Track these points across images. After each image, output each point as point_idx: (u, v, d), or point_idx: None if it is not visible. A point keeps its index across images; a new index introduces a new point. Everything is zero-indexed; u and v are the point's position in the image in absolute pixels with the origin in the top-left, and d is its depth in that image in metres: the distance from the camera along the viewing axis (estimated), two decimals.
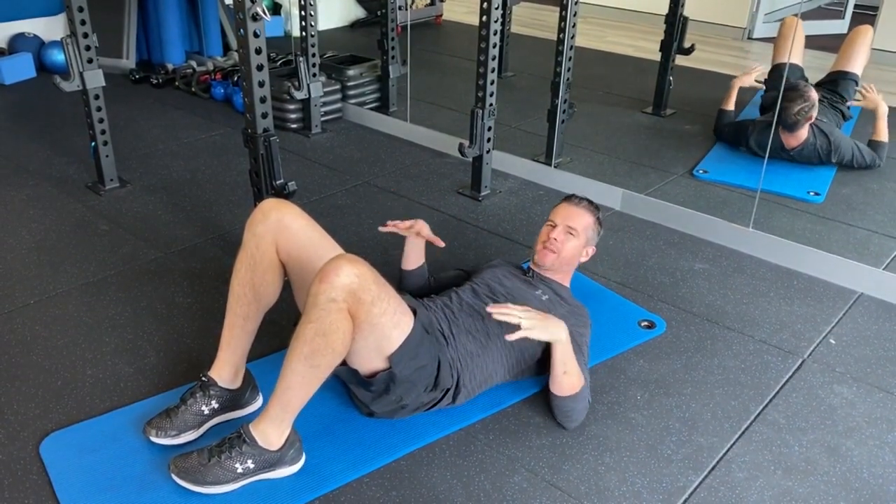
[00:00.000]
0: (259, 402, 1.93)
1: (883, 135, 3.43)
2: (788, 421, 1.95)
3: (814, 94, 3.31)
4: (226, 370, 1.85)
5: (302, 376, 1.62)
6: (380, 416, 1.89)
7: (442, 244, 2.16)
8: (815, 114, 3.31)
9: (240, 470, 1.66)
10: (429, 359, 1.80)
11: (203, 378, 1.84)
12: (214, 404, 1.82)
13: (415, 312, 1.80)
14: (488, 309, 1.83)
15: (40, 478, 1.72)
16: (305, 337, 1.59)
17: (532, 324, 1.81)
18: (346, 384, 1.92)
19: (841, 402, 2.02)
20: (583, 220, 2.16)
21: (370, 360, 1.75)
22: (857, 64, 3.82)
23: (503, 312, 1.81)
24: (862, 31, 3.94)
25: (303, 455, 1.75)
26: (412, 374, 1.77)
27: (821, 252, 2.63)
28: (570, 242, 2.14)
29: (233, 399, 1.86)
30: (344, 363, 1.75)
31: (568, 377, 1.86)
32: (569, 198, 2.23)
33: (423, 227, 2.18)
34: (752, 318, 2.38)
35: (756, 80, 3.65)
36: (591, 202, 2.22)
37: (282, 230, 1.83)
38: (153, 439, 1.77)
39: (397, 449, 1.82)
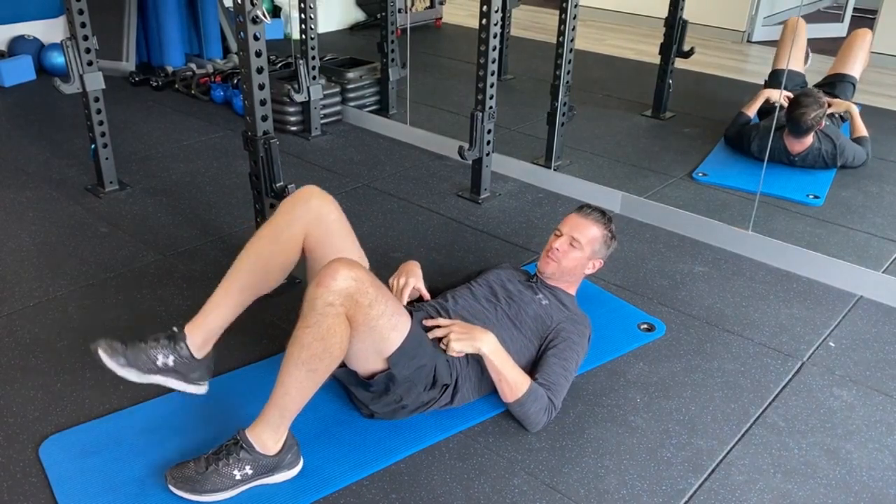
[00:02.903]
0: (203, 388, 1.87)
1: (864, 130, 3.54)
2: (788, 424, 1.95)
3: (825, 101, 3.32)
4: (199, 335, 1.80)
5: (300, 381, 1.62)
6: (380, 417, 1.89)
7: (428, 297, 2.14)
8: (825, 120, 3.33)
9: (238, 476, 1.66)
10: (427, 358, 1.81)
11: (174, 329, 1.79)
12: (170, 362, 1.76)
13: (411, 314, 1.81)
14: (425, 322, 1.91)
15: (39, 480, 1.72)
16: (303, 342, 1.59)
17: (455, 337, 1.85)
18: (345, 386, 1.92)
19: (840, 405, 2.03)
20: (589, 233, 2.12)
21: (369, 362, 1.75)
22: (855, 67, 3.83)
23: (432, 327, 1.90)
24: (860, 35, 3.94)
25: (301, 459, 1.75)
26: (411, 374, 1.77)
27: (820, 255, 2.63)
28: (572, 254, 2.11)
29: (186, 369, 1.80)
30: (343, 365, 1.75)
31: (505, 384, 1.86)
32: (580, 208, 2.19)
33: (414, 281, 2.14)
34: (751, 320, 2.38)
35: (787, 98, 3.55)
36: (603, 214, 2.18)
37: (318, 219, 1.82)
38: (101, 354, 1.70)
39: (397, 451, 1.82)
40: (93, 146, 3.05)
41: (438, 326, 1.90)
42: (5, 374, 2.06)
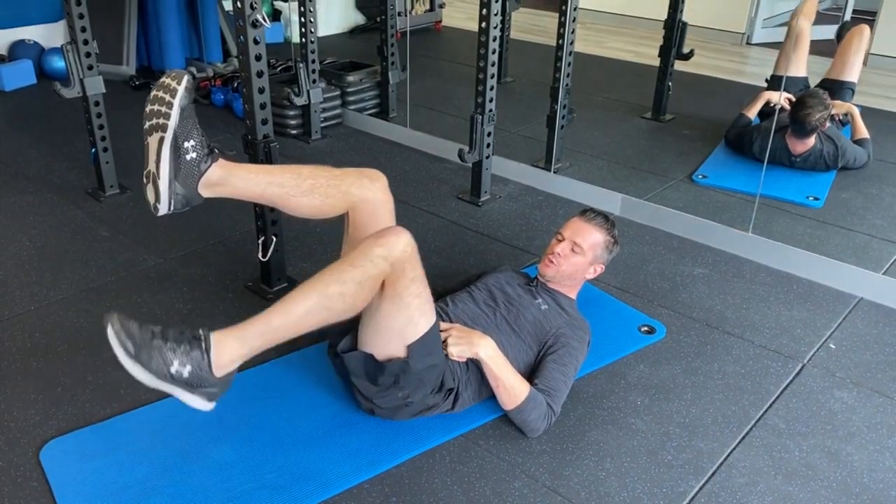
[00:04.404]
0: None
1: (865, 132, 3.55)
2: (788, 426, 1.95)
3: (830, 102, 3.32)
4: (217, 171, 1.70)
5: (307, 308, 1.58)
6: (380, 415, 1.88)
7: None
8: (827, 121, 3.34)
9: (172, 370, 1.49)
10: (440, 360, 1.81)
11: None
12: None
13: None
14: None
15: (40, 484, 1.72)
16: (341, 276, 1.58)
17: (452, 341, 1.84)
18: (348, 379, 1.89)
19: (841, 406, 2.02)
20: (591, 238, 2.12)
21: (391, 343, 1.75)
22: (853, 72, 3.81)
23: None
24: (857, 36, 3.88)
25: (216, 403, 1.59)
26: (424, 370, 1.77)
27: (820, 257, 2.63)
28: (573, 258, 2.11)
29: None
30: (358, 348, 1.76)
31: (503, 390, 1.85)
32: (584, 212, 2.19)
33: None
34: (751, 322, 2.38)
35: (788, 100, 3.56)
36: (606, 219, 2.17)
37: (374, 202, 1.84)
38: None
39: (398, 454, 1.81)
40: (93, 150, 3.06)
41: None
42: (6, 378, 2.06)
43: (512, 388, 1.84)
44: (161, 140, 1.62)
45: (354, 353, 1.77)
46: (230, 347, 1.55)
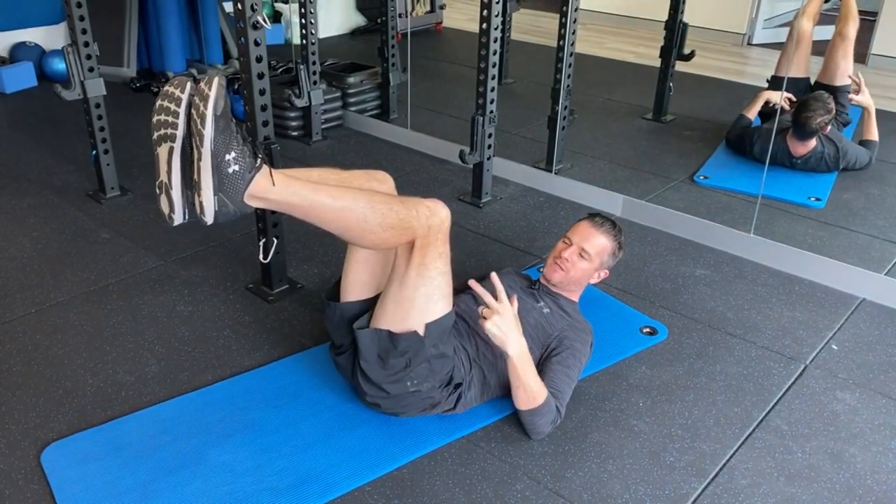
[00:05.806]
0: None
1: (875, 134, 3.52)
2: (791, 427, 1.94)
3: (833, 106, 3.31)
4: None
5: (350, 206, 1.63)
6: (386, 408, 1.87)
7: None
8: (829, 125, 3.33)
9: (228, 157, 1.54)
10: (451, 351, 1.82)
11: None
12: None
13: None
14: (469, 282, 1.87)
15: (41, 487, 1.71)
16: (390, 203, 1.65)
17: (495, 321, 1.77)
18: (352, 376, 1.89)
19: (844, 408, 2.02)
20: (599, 245, 2.11)
21: (409, 316, 1.75)
22: (844, 75, 3.79)
23: (482, 293, 1.81)
24: (839, 40, 3.79)
25: (214, 221, 1.61)
26: (436, 356, 1.77)
27: (822, 257, 2.63)
28: (580, 264, 2.10)
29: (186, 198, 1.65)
30: (370, 327, 1.77)
31: (523, 392, 1.83)
32: (593, 217, 2.17)
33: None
34: (753, 324, 2.38)
35: (787, 100, 3.55)
36: (614, 225, 2.16)
37: None
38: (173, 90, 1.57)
39: (399, 457, 1.81)
40: (94, 152, 3.06)
41: (495, 298, 1.81)
42: (7, 380, 2.06)
43: (532, 389, 1.83)
44: (171, 150, 1.61)
45: (368, 330, 1.76)
46: (269, 184, 1.58)
